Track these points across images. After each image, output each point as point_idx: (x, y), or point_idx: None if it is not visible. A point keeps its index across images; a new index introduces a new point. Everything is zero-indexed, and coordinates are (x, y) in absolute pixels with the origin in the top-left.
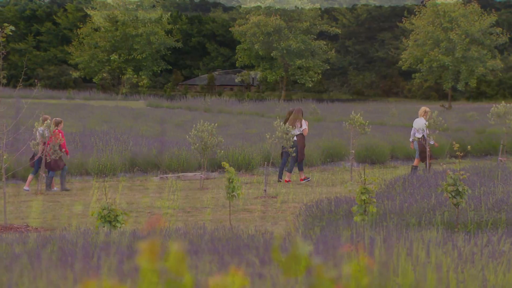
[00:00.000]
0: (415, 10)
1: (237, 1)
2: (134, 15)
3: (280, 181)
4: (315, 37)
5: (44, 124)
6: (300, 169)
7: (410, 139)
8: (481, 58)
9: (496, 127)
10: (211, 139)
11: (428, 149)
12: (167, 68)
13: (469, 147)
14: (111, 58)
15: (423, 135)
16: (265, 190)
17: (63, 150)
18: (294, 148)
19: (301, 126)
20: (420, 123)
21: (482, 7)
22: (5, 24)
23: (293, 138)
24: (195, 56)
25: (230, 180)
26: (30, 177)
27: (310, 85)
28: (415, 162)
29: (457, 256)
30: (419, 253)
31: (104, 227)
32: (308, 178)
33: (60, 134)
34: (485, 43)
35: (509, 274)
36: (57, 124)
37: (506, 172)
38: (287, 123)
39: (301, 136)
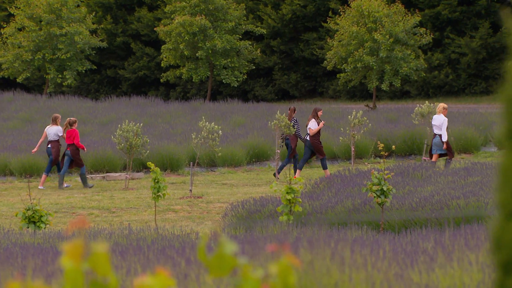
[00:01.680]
0: (339, 10)
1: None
2: (58, 14)
3: (277, 178)
4: (241, 37)
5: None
6: (324, 167)
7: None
8: (405, 58)
9: (420, 127)
10: (136, 139)
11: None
12: (92, 68)
13: (393, 146)
14: (35, 58)
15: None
16: (190, 190)
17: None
18: (306, 148)
19: (307, 125)
20: (439, 119)
21: (406, 7)
22: None
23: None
24: (120, 56)
25: (156, 181)
26: (44, 176)
27: (236, 85)
28: (434, 158)
29: (382, 255)
30: (344, 253)
31: (28, 227)
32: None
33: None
34: (409, 43)
35: (433, 273)
36: (71, 124)
37: (429, 172)
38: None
39: (311, 136)
